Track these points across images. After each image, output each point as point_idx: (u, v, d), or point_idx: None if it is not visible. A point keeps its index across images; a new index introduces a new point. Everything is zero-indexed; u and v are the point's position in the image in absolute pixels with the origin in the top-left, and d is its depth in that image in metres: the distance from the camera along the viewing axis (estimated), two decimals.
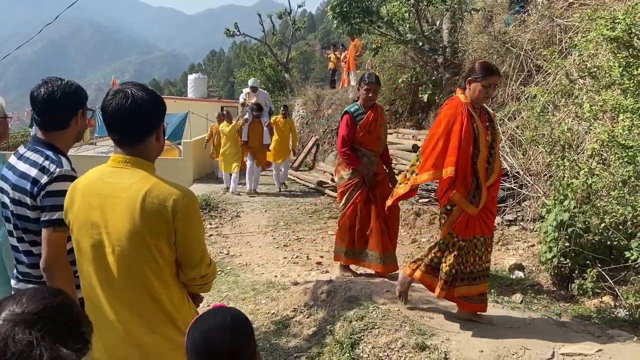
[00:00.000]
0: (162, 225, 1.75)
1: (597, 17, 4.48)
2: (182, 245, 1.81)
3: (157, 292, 1.81)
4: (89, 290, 1.88)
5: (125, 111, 1.78)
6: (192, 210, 1.82)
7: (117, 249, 1.77)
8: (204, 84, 27.96)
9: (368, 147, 4.81)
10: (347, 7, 8.84)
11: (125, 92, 1.80)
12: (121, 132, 1.83)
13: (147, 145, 1.86)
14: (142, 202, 1.75)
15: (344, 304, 4.02)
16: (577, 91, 5.17)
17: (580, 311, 3.93)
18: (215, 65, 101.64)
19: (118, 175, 1.82)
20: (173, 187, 1.81)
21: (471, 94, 3.42)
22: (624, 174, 4.21)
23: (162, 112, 1.90)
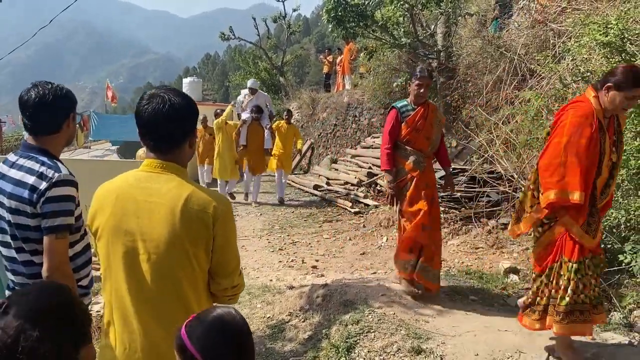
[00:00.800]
0: (202, 232, 1.72)
1: (590, 22, 4.52)
2: (219, 252, 1.77)
3: (190, 301, 1.76)
4: (117, 298, 1.80)
5: (163, 116, 1.74)
6: (230, 217, 1.80)
7: (153, 256, 1.72)
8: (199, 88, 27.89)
9: (415, 146, 4.34)
10: (342, 11, 8.86)
11: (163, 97, 1.76)
12: (158, 137, 1.79)
13: (182, 150, 1.82)
14: (183, 208, 1.71)
15: (339, 308, 4.03)
16: (570, 95, 5.20)
17: None
18: (210, 68, 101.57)
19: (154, 180, 1.77)
20: (211, 194, 1.78)
21: (608, 102, 2.83)
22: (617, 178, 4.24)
23: (197, 118, 1.87)
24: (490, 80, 8.17)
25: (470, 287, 4.65)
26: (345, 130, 13.56)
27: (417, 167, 4.31)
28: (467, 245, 6.38)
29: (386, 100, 12.03)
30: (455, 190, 6.23)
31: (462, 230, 6.83)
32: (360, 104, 13.13)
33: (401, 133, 4.35)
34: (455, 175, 7.61)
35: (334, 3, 8.79)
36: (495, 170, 7.03)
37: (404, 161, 4.34)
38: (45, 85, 2.26)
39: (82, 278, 2.35)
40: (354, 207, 9.12)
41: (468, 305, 4.16)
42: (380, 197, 9.20)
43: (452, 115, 9.47)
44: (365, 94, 13.00)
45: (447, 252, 6.20)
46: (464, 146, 8.72)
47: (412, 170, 4.30)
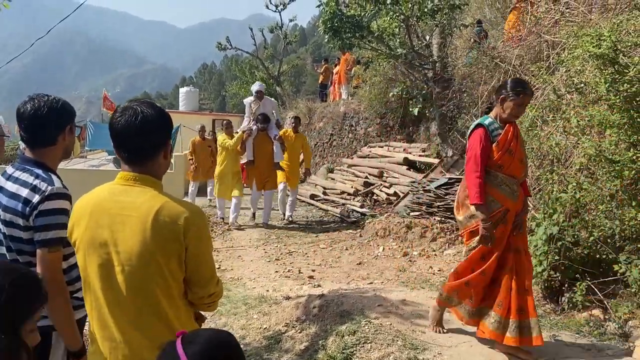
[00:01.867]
0: (173, 243, 1.75)
1: (584, 34, 4.58)
2: (193, 263, 1.80)
3: (165, 311, 1.80)
4: (96, 309, 1.85)
5: (135, 128, 1.78)
6: (203, 228, 1.83)
7: (126, 268, 1.76)
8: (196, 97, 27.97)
9: (508, 171, 3.54)
10: (338, 22, 8.92)
11: (135, 109, 1.80)
12: (130, 149, 1.82)
13: (155, 162, 1.86)
14: (153, 220, 1.74)
15: (336, 319, 4.02)
16: (564, 106, 5.26)
17: (571, 324, 3.96)
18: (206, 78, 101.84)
19: (128, 193, 1.81)
20: (184, 205, 1.81)
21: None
22: (611, 188, 4.29)
23: (170, 129, 1.90)
24: (486, 91, 8.23)
25: None
26: (342, 139, 13.61)
27: (512, 198, 3.52)
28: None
29: (382, 110, 12.11)
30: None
31: (457, 240, 6.84)
32: (357, 113, 13.19)
33: (492, 156, 3.55)
34: (452, 184, 7.64)
35: (330, 14, 8.85)
36: None
37: (495, 191, 3.51)
38: (42, 97, 2.27)
39: (77, 290, 2.34)
40: (351, 216, 9.14)
41: None
42: (376, 207, 9.23)
43: (447, 126, 9.52)
44: (361, 103, 13.07)
45: (444, 262, 6.20)
46: (460, 156, 8.76)
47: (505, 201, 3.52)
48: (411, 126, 11.55)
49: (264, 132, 8.77)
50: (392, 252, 6.94)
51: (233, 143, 8.66)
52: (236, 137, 8.64)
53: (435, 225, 7.14)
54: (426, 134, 10.93)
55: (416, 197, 8.05)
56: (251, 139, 8.72)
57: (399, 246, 7.10)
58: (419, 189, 8.22)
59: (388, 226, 7.55)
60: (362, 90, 13.21)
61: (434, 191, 7.70)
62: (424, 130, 11.11)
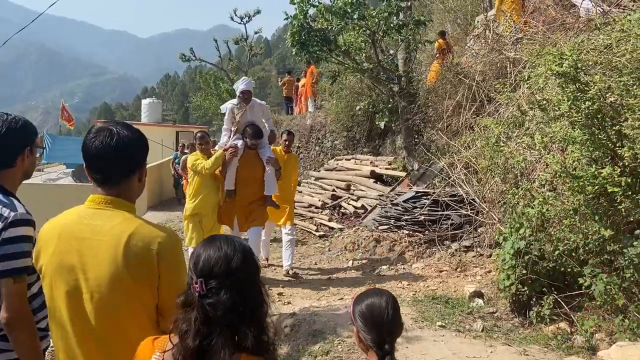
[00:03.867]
0: (146, 269, 1.67)
1: (546, 52, 4.71)
2: (167, 290, 1.71)
3: (137, 342, 1.69)
4: (63, 339, 1.74)
5: (110, 150, 1.70)
6: (178, 253, 1.76)
7: (95, 296, 1.67)
8: (159, 109, 27.55)
9: None
10: (306, 36, 8.95)
11: (110, 130, 1.73)
12: (104, 172, 1.74)
13: (129, 185, 1.78)
14: (125, 246, 1.66)
15: (308, 338, 3.96)
16: (528, 122, 5.39)
17: (539, 338, 4.02)
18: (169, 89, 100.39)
19: (98, 216, 1.72)
20: (158, 229, 1.74)
21: None
22: (574, 203, 4.39)
23: (146, 151, 1.83)
24: (450, 105, 8.40)
25: (438, 312, 4.67)
26: (309, 152, 13.61)
27: None
28: (432, 268, 6.44)
29: (349, 123, 12.19)
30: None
31: (426, 253, 6.90)
32: (324, 126, 13.23)
33: None
34: (419, 198, 7.72)
35: (298, 27, 8.87)
36: (457, 193, 7.17)
37: None
38: (0, 117, 2.15)
39: (41, 320, 2.22)
40: (319, 230, 9.10)
41: (436, 332, 4.17)
42: (344, 220, 9.23)
43: (413, 139, 9.65)
44: (328, 116, 13.12)
45: (412, 276, 6.23)
46: (426, 169, 8.88)
47: None
48: (378, 139, 11.67)
49: (252, 152, 6.20)
50: (362, 267, 6.93)
51: (210, 165, 5.94)
52: (214, 157, 6.00)
53: (404, 239, 7.19)
54: (392, 147, 11.05)
55: (384, 211, 8.09)
56: (235, 161, 6.10)
57: (368, 260, 7.10)
58: (387, 203, 8.27)
59: (357, 240, 7.56)
60: (329, 103, 13.27)
61: (401, 204, 7.76)
62: (390, 144, 11.23)
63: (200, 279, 1.34)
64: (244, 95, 6.33)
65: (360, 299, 1.85)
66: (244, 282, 1.37)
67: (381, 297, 1.82)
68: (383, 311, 1.78)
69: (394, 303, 1.82)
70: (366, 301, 1.82)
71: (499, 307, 4.80)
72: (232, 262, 1.36)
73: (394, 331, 1.79)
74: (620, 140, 4.26)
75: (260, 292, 1.42)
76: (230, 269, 1.36)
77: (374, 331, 1.76)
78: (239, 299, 1.34)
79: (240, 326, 1.34)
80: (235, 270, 1.36)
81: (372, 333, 1.76)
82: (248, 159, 6.19)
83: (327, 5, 9.01)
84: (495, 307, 4.83)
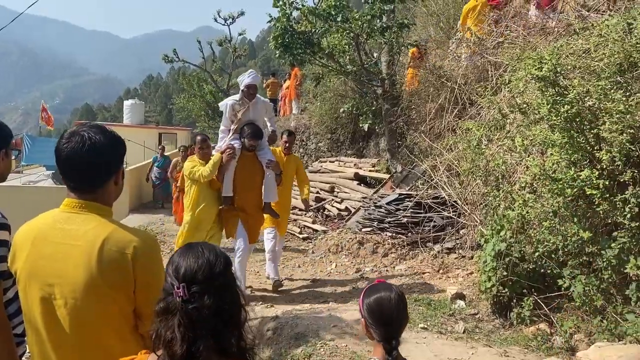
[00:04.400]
0: (121, 274, 1.64)
1: (526, 57, 4.77)
2: (144, 294, 1.69)
3: (113, 348, 1.68)
4: (38, 345, 1.71)
5: (82, 157, 1.67)
6: (154, 257, 1.73)
7: (70, 302, 1.64)
8: (141, 110, 27.30)
9: None
10: (289, 38, 8.93)
11: (82, 136, 1.68)
12: (77, 178, 1.71)
13: (105, 189, 1.75)
14: (99, 250, 1.63)
15: (290, 342, 3.95)
16: (509, 125, 5.45)
17: (520, 339, 4.07)
18: (152, 90, 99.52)
19: (73, 221, 1.69)
20: (134, 233, 1.71)
21: None
22: (554, 205, 4.45)
23: (121, 155, 1.79)
24: (433, 108, 8.45)
25: (420, 314, 4.69)
26: None
27: None
28: (414, 271, 6.47)
29: (333, 126, 12.20)
30: None
31: (409, 255, 6.93)
32: (308, 128, 13.22)
33: None
34: (402, 200, 7.76)
35: (281, 30, 8.85)
36: (439, 195, 7.22)
37: None
38: None
39: (17, 325, 2.18)
40: (303, 232, 9.09)
41: (418, 334, 4.18)
42: (328, 222, 9.23)
43: (397, 141, 9.69)
44: (312, 118, 13.12)
45: (395, 278, 6.25)
46: (409, 172, 8.92)
47: None
48: (361, 141, 11.70)
49: (250, 154, 5.68)
50: (345, 269, 6.94)
51: (208, 172, 5.42)
52: (212, 162, 5.48)
53: (387, 241, 7.21)
54: (376, 149, 11.09)
55: (367, 213, 8.11)
56: (233, 164, 5.55)
57: (351, 262, 7.11)
58: (370, 205, 8.29)
59: (340, 242, 7.56)
60: (312, 105, 13.28)
61: (385, 207, 7.78)
62: (373, 146, 11.26)
63: (182, 284, 1.32)
64: (249, 90, 5.64)
65: (369, 292, 1.90)
66: (226, 287, 1.37)
67: (391, 292, 1.86)
68: (393, 307, 1.82)
69: (403, 298, 1.87)
70: (375, 295, 1.86)
71: (481, 308, 4.84)
72: (215, 267, 1.36)
73: (402, 326, 1.86)
74: (598, 144, 4.33)
75: (239, 299, 1.41)
76: (214, 274, 1.35)
77: (382, 326, 1.82)
78: (221, 304, 1.33)
79: (224, 331, 1.34)
80: (218, 275, 1.35)
81: (380, 328, 1.82)
82: (246, 162, 5.63)
83: (311, 8, 9.01)
84: (477, 308, 4.87)
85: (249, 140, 5.57)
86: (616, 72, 4.46)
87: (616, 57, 4.47)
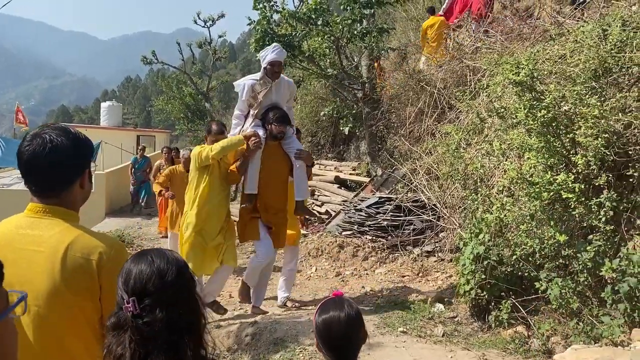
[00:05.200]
0: (85, 281, 1.59)
1: (504, 62, 4.83)
2: (109, 302, 1.61)
3: (78, 357, 1.63)
4: None
5: (43, 159, 1.61)
6: (121, 263, 1.67)
7: (33, 309, 1.57)
8: (119, 112, 26.92)
9: None
10: (270, 41, 8.89)
11: (43, 138, 1.62)
12: (39, 182, 1.65)
13: (69, 193, 1.68)
14: (63, 257, 1.58)
15: (269, 347, 3.91)
16: (487, 130, 5.51)
17: (498, 342, 4.08)
18: (130, 92, 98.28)
19: (36, 226, 1.63)
20: (99, 238, 1.65)
21: None
22: (531, 209, 4.50)
23: (86, 158, 1.73)
24: (413, 112, 8.51)
25: (399, 318, 4.69)
26: None
27: None
28: (394, 274, 6.48)
29: (313, 129, 12.20)
30: None
31: (388, 258, 6.94)
32: None
33: None
34: (382, 204, 7.77)
35: (261, 33, 8.82)
36: (419, 199, 7.26)
37: None
38: None
39: None
40: None
41: (397, 338, 4.18)
42: (308, 226, 9.20)
43: (377, 145, 9.72)
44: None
45: (375, 282, 6.25)
46: (389, 175, 8.95)
47: None
48: (342, 145, 11.72)
49: (275, 144, 4.82)
50: (325, 272, 6.91)
51: (218, 149, 4.50)
52: (227, 140, 4.61)
53: (367, 245, 7.22)
54: (356, 153, 11.12)
55: (348, 216, 8.11)
56: (259, 155, 4.69)
57: (331, 266, 7.09)
58: (351, 208, 8.29)
59: (320, 246, 7.54)
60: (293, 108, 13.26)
61: (365, 210, 7.79)
62: (354, 149, 11.30)
63: (132, 298, 1.26)
64: (273, 67, 4.71)
65: (320, 310, 1.80)
66: (179, 297, 1.30)
67: (341, 310, 1.74)
68: (342, 329, 1.72)
69: (354, 319, 1.75)
70: (324, 315, 1.75)
71: (459, 311, 4.86)
72: (166, 276, 1.29)
73: (354, 349, 1.76)
74: (574, 148, 4.40)
75: (197, 306, 1.35)
76: (165, 284, 1.28)
77: (329, 348, 1.74)
78: (175, 315, 1.27)
79: (179, 343, 1.27)
80: (170, 285, 1.28)
81: (329, 352, 1.74)
82: (270, 153, 4.74)
83: (291, 12, 9.00)
84: (456, 311, 4.88)
85: (277, 127, 4.64)
86: (591, 77, 4.54)
87: (591, 62, 4.55)
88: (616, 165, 4.30)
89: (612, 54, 4.48)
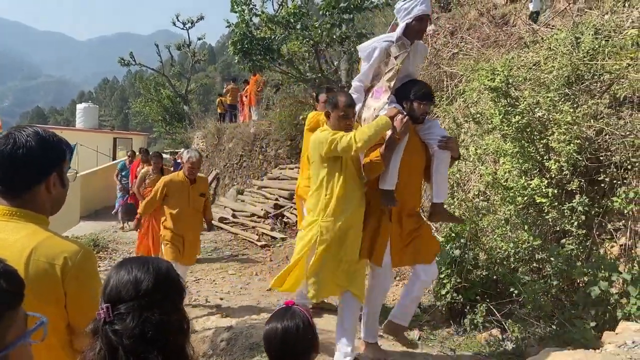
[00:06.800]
0: (50, 287, 1.54)
1: (480, 68, 4.89)
2: (76, 308, 1.59)
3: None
4: None
5: (5, 157, 1.58)
6: (88, 268, 1.63)
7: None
8: (95, 114, 26.45)
9: None
10: (248, 44, 8.88)
11: (7, 137, 1.60)
12: (2, 181, 1.61)
13: (35, 196, 1.64)
14: (26, 261, 1.53)
15: (245, 352, 3.86)
16: (463, 135, 5.57)
17: (472, 345, 4.11)
18: (107, 94, 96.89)
19: (2, 229, 1.58)
20: (66, 243, 1.61)
21: None
22: (506, 213, 4.56)
23: (52, 159, 1.68)
24: None
25: None
26: (252, 161, 13.47)
27: None
28: None
29: (292, 132, 12.16)
30: None
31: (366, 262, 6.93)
32: (267, 135, 13.14)
33: None
34: None
35: (240, 36, 8.80)
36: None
37: None
38: None
39: None
40: (261, 240, 8.99)
41: None
42: (287, 230, 9.16)
43: None
44: (272, 125, 13.05)
45: None
46: None
47: None
48: None
49: (411, 128, 3.42)
50: None
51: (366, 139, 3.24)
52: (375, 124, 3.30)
53: None
54: None
55: None
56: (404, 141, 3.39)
57: None
58: None
59: None
60: (272, 112, 13.22)
61: None
62: None
63: (106, 305, 1.23)
64: (420, 23, 3.43)
65: (268, 320, 1.76)
66: (155, 307, 1.25)
67: (281, 322, 1.69)
68: (276, 341, 1.68)
69: (292, 330, 1.67)
70: (266, 326, 1.72)
71: (436, 315, 4.88)
72: (141, 285, 1.25)
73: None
74: (547, 153, 4.47)
75: (178, 318, 1.30)
76: (139, 292, 1.24)
77: (270, 358, 1.71)
78: (148, 326, 1.22)
79: (149, 356, 1.23)
80: (145, 294, 1.24)
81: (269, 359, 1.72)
82: (409, 141, 3.44)
83: (270, 15, 8.99)
84: (432, 315, 4.90)
85: (422, 105, 3.45)
86: (564, 84, 4.63)
87: (564, 70, 4.64)
88: (588, 170, 4.39)
89: (585, 62, 4.58)
